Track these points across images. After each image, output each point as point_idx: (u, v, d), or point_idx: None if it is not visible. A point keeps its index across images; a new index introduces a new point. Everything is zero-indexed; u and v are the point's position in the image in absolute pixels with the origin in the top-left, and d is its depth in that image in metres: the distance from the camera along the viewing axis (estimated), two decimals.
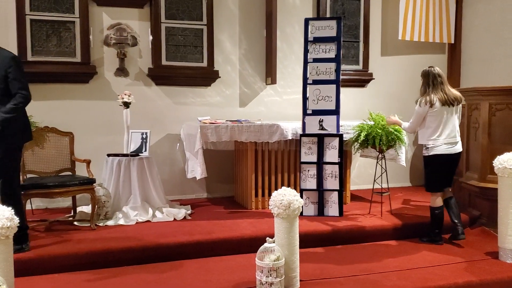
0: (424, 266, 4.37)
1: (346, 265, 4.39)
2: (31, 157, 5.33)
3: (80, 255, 4.30)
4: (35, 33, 6.01)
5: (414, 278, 4.08)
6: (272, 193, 3.87)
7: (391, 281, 4.01)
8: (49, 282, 3.98)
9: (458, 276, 4.13)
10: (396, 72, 7.58)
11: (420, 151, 7.66)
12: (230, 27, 6.79)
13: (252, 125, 5.78)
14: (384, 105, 7.21)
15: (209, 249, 4.65)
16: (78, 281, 4.00)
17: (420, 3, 7.23)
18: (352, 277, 4.11)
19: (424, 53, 7.68)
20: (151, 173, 5.64)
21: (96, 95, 6.27)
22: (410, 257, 4.62)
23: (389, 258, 4.58)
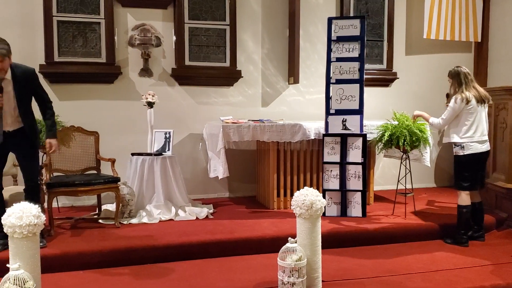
0: (449, 268, 4.32)
1: (369, 266, 4.37)
2: (57, 156, 5.40)
3: (104, 253, 4.36)
4: (61, 34, 6.12)
5: (439, 281, 4.03)
6: (294, 193, 3.87)
7: (415, 283, 3.97)
8: (74, 278, 4.05)
9: (484, 279, 4.06)
10: (421, 71, 7.50)
11: (445, 151, 7.62)
12: (253, 26, 6.81)
13: (274, 125, 5.78)
14: (409, 104, 7.15)
15: (231, 248, 4.67)
16: (102, 278, 4.06)
17: (446, 1, 7.14)
18: (375, 278, 4.08)
19: (450, 52, 7.58)
20: (174, 172, 5.70)
21: (121, 95, 6.35)
22: (435, 259, 4.57)
23: (413, 260, 4.54)
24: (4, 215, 3.27)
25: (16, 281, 3.07)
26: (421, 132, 5.43)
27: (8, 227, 3.21)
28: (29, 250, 3.26)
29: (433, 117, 5.14)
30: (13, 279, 3.07)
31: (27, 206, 3.31)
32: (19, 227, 3.19)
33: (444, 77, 7.50)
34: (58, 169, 5.42)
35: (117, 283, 3.95)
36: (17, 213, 3.24)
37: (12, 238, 3.24)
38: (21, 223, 3.20)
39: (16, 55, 5.96)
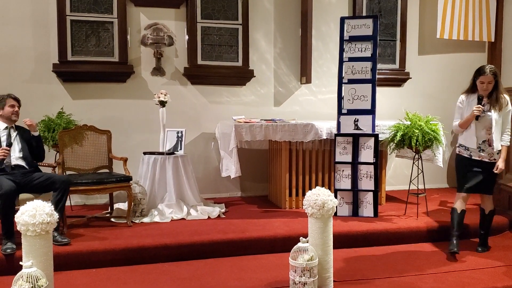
0: (461, 269, 4.28)
1: (380, 266, 4.34)
2: (70, 155, 5.43)
3: (116, 251, 4.37)
4: (75, 33, 6.15)
5: (451, 282, 4.00)
6: (306, 193, 3.86)
7: (427, 284, 3.94)
8: (87, 276, 4.07)
9: (497, 281, 4.02)
10: (434, 71, 7.45)
11: None
12: (266, 26, 6.80)
13: (286, 125, 5.77)
14: (421, 104, 7.11)
15: (242, 247, 4.66)
16: (115, 276, 4.07)
17: (460, 0, 7.08)
18: (386, 278, 4.06)
19: (463, 52, 7.52)
20: (186, 171, 5.70)
21: (133, 94, 6.38)
22: (447, 259, 4.54)
23: (425, 261, 4.51)
24: (18, 213, 3.29)
25: (29, 278, 3.08)
26: (434, 132, 5.40)
27: (21, 225, 3.23)
28: (42, 248, 3.28)
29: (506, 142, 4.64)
30: (26, 277, 3.08)
31: (40, 204, 3.32)
32: (32, 225, 3.21)
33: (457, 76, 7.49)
34: (71, 168, 5.44)
35: (129, 281, 3.97)
36: (30, 211, 3.25)
37: (25, 236, 3.26)
38: (34, 221, 3.22)
39: (30, 54, 6.07)
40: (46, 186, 4.45)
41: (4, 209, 4.11)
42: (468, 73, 7.54)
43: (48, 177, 4.49)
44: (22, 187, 4.39)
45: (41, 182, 4.45)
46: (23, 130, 4.69)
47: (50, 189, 4.44)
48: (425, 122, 5.44)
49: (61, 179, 4.49)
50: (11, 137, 4.58)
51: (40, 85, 6.07)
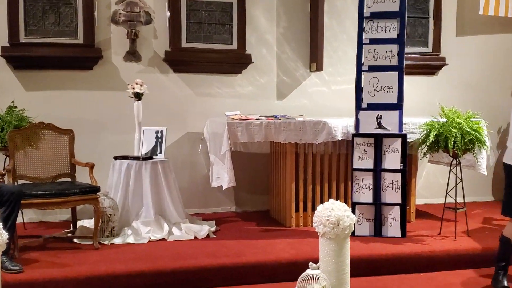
0: None
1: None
2: (23, 160, 5.42)
3: (80, 280, 4.36)
4: (29, 9, 6.14)
5: None
6: (317, 208, 3.87)
7: None
8: None
9: None
10: (476, 56, 7.47)
11: None
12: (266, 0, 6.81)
13: (292, 122, 5.78)
14: (460, 97, 7.12)
15: (237, 275, 4.66)
16: None
17: None
18: None
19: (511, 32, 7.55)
20: (168, 180, 5.71)
21: (102, 84, 6.38)
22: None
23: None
24: None
25: None
26: (475, 132, 5.40)
27: None
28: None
29: None
30: None
31: None
32: None
33: (504, 62, 7.51)
34: (24, 176, 5.43)
35: None
36: None
37: None
38: None
39: None
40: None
41: None
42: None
43: None
44: None
45: None
46: None
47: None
48: (465, 120, 5.45)
49: (11, 191, 4.47)
50: None
51: None
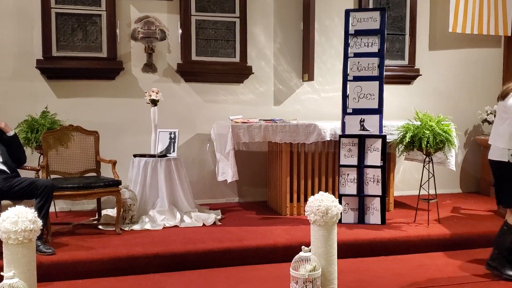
0: (476, 280, 4.28)
1: (388, 278, 4.34)
2: (55, 157, 5.43)
3: (104, 261, 4.37)
4: (60, 27, 6.14)
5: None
6: (309, 198, 3.86)
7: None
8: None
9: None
10: (446, 67, 7.46)
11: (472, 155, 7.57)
12: (265, 19, 6.80)
13: (287, 125, 5.78)
14: (432, 103, 7.11)
15: (240, 257, 4.66)
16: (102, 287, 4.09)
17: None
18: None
19: (477, 46, 7.54)
20: (180, 175, 5.70)
21: (123, 92, 6.38)
22: (460, 270, 4.53)
23: (437, 271, 4.50)
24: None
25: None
26: (445, 134, 5.39)
27: (2, 233, 3.21)
28: (24, 257, 3.26)
29: None
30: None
31: (22, 210, 3.31)
32: (14, 233, 3.19)
33: (471, 73, 7.51)
34: (56, 171, 5.44)
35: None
36: (12, 217, 3.23)
37: (7, 245, 3.24)
38: (16, 228, 3.20)
39: (11, 49, 6.06)
40: (28, 191, 4.43)
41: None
42: (483, 69, 7.62)
43: (30, 181, 4.48)
44: (3, 193, 4.39)
45: (23, 188, 4.43)
46: (1, 133, 4.70)
47: (33, 195, 4.43)
48: (437, 123, 5.44)
49: (45, 184, 4.48)
50: None
51: (22, 83, 6.07)
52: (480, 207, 6.43)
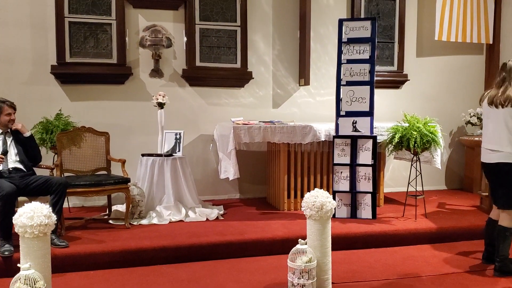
0: (459, 271, 4.27)
1: (379, 268, 4.34)
2: (68, 156, 5.42)
3: (114, 253, 4.36)
4: (73, 35, 6.13)
5: (449, 284, 3.99)
6: (305, 195, 3.85)
7: (425, 286, 3.94)
8: (85, 279, 4.06)
9: (496, 282, 4.01)
10: (432, 73, 7.46)
11: (457, 154, 7.57)
12: (264, 28, 6.79)
13: (285, 126, 5.76)
14: (420, 106, 7.12)
15: (241, 249, 4.65)
16: (113, 278, 4.07)
17: (458, 2, 7.09)
18: (385, 281, 4.05)
19: (461, 54, 7.54)
20: (185, 173, 5.69)
21: (131, 96, 6.36)
22: (445, 261, 4.53)
23: (423, 263, 4.50)
24: (16, 215, 3.28)
25: (27, 280, 3.06)
26: (432, 134, 5.39)
27: (19, 227, 3.22)
28: (40, 250, 3.26)
29: None
30: (23, 279, 3.06)
31: (38, 206, 3.31)
32: (30, 227, 3.20)
33: (455, 78, 7.51)
34: (69, 170, 5.42)
35: (127, 284, 3.96)
36: (28, 213, 3.24)
37: (23, 238, 3.24)
38: (32, 223, 3.20)
39: (28, 55, 6.06)
40: (44, 188, 4.44)
41: (4, 211, 4.10)
42: (466, 75, 7.63)
43: (45, 179, 4.48)
44: (20, 190, 4.38)
45: (39, 185, 4.44)
46: (18, 133, 4.69)
47: (48, 191, 4.43)
48: (423, 124, 5.43)
49: (59, 181, 4.48)
50: (7, 143, 4.61)
51: (38, 87, 6.06)
52: (464, 202, 6.42)
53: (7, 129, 4.64)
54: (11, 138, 4.65)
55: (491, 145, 4.17)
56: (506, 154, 4.09)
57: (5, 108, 4.57)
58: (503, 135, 4.10)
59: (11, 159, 4.57)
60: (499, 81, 4.19)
